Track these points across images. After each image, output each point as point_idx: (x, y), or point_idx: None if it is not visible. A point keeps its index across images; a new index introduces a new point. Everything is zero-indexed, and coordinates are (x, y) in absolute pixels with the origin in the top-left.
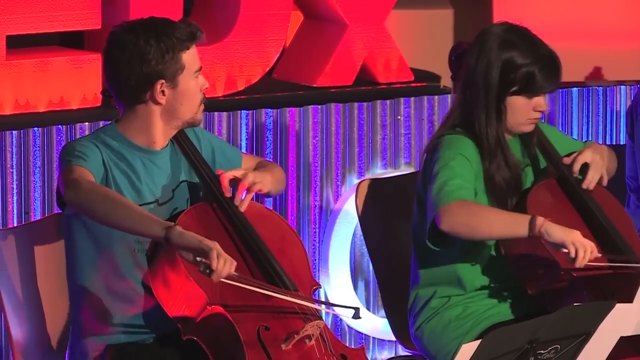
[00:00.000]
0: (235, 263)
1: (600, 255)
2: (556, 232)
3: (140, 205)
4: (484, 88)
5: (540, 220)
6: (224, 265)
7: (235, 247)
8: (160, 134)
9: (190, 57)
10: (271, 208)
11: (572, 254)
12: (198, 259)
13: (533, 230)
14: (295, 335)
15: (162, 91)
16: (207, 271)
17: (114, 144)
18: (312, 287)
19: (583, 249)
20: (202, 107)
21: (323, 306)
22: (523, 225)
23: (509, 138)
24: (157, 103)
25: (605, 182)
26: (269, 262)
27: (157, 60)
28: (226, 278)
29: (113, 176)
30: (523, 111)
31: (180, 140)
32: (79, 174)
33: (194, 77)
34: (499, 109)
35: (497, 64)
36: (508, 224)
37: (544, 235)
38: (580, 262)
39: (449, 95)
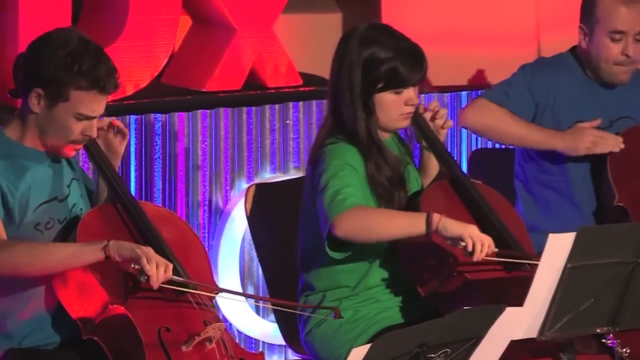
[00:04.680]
0: (171, 265)
1: (497, 250)
2: (453, 226)
3: (41, 204)
4: (348, 88)
5: (436, 216)
6: (158, 270)
7: None
8: (38, 142)
9: (80, 97)
10: None
11: (469, 248)
12: (134, 266)
13: (430, 227)
14: (196, 337)
15: (38, 101)
16: (145, 278)
17: (3, 154)
18: (213, 292)
19: (480, 243)
20: (76, 146)
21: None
22: (420, 223)
23: (387, 137)
24: (30, 110)
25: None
26: (173, 265)
27: (48, 70)
28: (166, 283)
29: (11, 192)
30: (394, 107)
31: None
32: None
33: (74, 117)
34: (366, 107)
35: (358, 62)
36: (405, 224)
37: (441, 232)
38: (477, 256)
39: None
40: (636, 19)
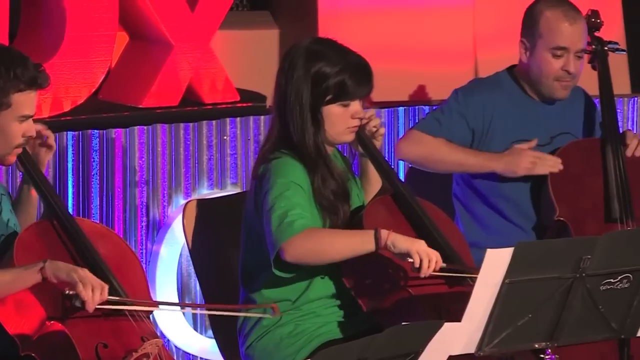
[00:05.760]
0: (106, 287)
1: (445, 265)
2: (401, 242)
3: None
4: (298, 103)
5: (384, 232)
6: (94, 293)
7: (74, 264)
8: None
9: (21, 100)
10: None
11: (417, 264)
12: (67, 292)
13: (379, 244)
14: (133, 353)
15: None
16: (78, 304)
17: None
18: (150, 307)
19: (427, 258)
20: (18, 150)
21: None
22: (369, 240)
23: (330, 151)
24: None
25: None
26: (109, 281)
27: None
28: (103, 304)
29: None
30: (341, 120)
31: (22, 157)
32: None
33: (18, 120)
34: (315, 120)
35: (307, 77)
36: (354, 243)
37: (390, 247)
38: (425, 271)
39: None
40: (578, 36)
